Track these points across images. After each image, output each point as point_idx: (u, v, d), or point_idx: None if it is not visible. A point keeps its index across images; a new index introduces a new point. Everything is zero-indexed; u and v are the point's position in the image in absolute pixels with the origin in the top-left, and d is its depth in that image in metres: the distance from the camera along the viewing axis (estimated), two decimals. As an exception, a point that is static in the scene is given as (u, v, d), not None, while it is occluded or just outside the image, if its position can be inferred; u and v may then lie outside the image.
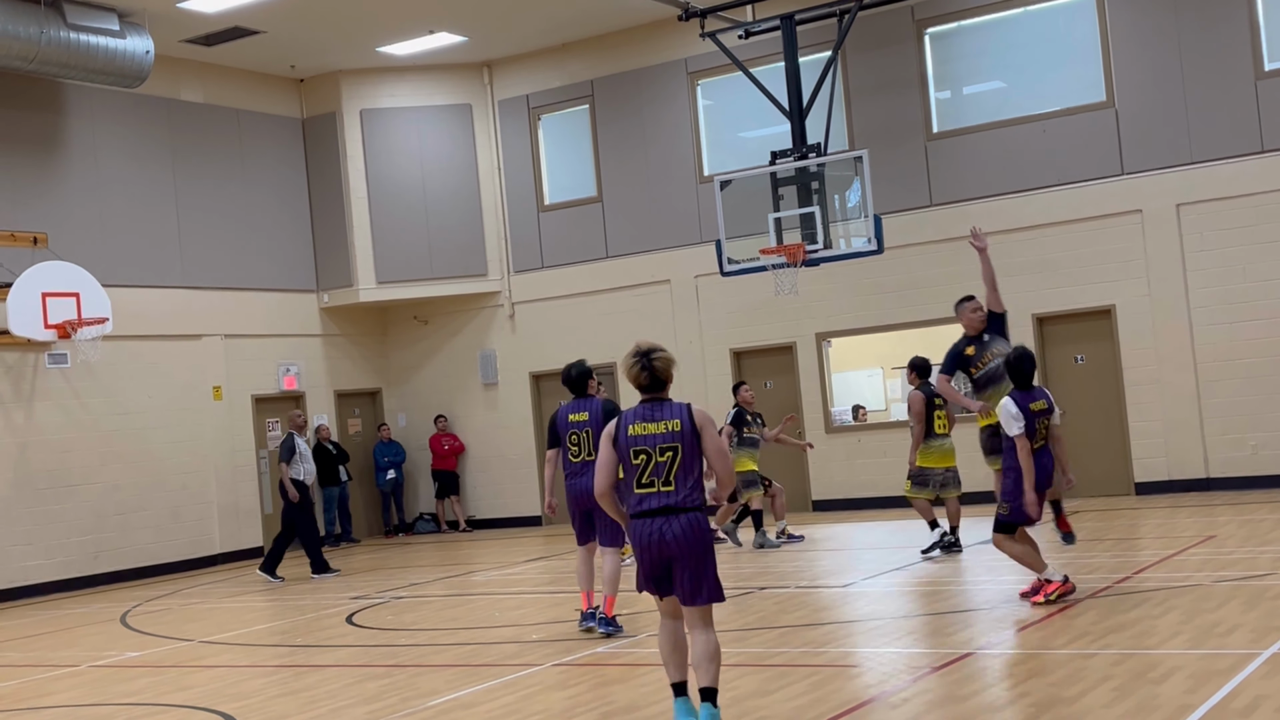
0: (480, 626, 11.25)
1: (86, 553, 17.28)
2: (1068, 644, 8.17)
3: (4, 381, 16.71)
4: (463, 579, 14.97)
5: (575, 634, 10.11)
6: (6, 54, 15.72)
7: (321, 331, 20.93)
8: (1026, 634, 8.68)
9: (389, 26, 18.70)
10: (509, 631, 10.80)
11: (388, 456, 21.26)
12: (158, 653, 11.36)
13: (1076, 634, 8.43)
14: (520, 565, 15.74)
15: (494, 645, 10.17)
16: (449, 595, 13.55)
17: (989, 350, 11.04)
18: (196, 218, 19.18)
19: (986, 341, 11.13)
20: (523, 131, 20.82)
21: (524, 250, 20.85)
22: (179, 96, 19.06)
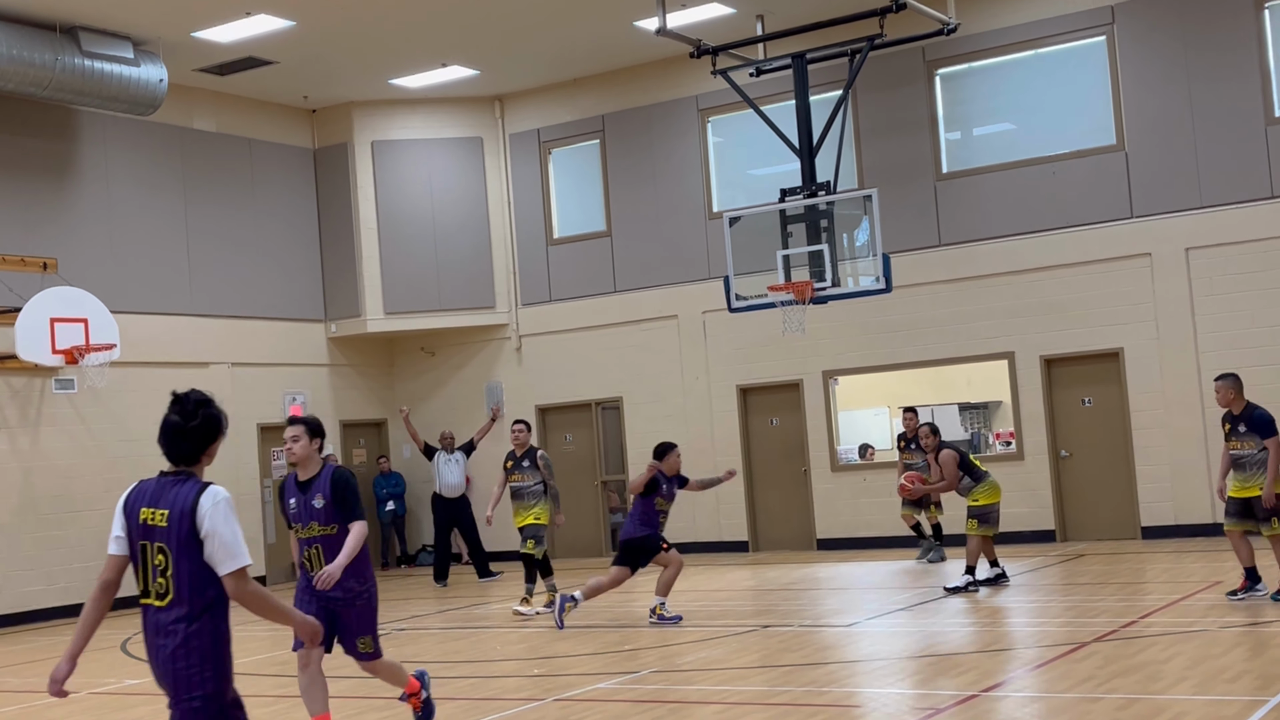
0: (482, 660, 11.19)
1: (89, 579, 17.21)
2: (1073, 687, 8.11)
3: (10, 406, 16.71)
4: (465, 612, 14.91)
5: (577, 669, 10.06)
6: (21, 80, 15.81)
7: (329, 361, 20.94)
8: (1032, 677, 8.62)
9: (401, 59, 18.80)
10: (511, 666, 10.74)
11: (387, 489, 21.21)
12: (157, 681, 11.29)
13: (1082, 677, 8.37)
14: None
15: (495, 679, 10.11)
16: (450, 628, 13.48)
17: None
18: (206, 246, 19.23)
19: None
20: (533, 165, 20.89)
21: (532, 283, 20.87)
22: (192, 125, 19.15)
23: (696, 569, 17.33)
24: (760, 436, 19.15)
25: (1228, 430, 10.86)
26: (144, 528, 5.09)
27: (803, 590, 14.58)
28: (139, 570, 5.09)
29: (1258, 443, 10.61)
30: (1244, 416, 10.74)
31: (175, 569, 4.98)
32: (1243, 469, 10.76)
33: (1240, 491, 10.78)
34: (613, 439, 20.40)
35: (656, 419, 19.65)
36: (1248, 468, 10.71)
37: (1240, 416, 10.76)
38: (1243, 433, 10.70)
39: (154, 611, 5.02)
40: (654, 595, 12.58)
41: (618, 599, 15.09)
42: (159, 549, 5.02)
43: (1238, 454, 10.78)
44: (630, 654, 10.73)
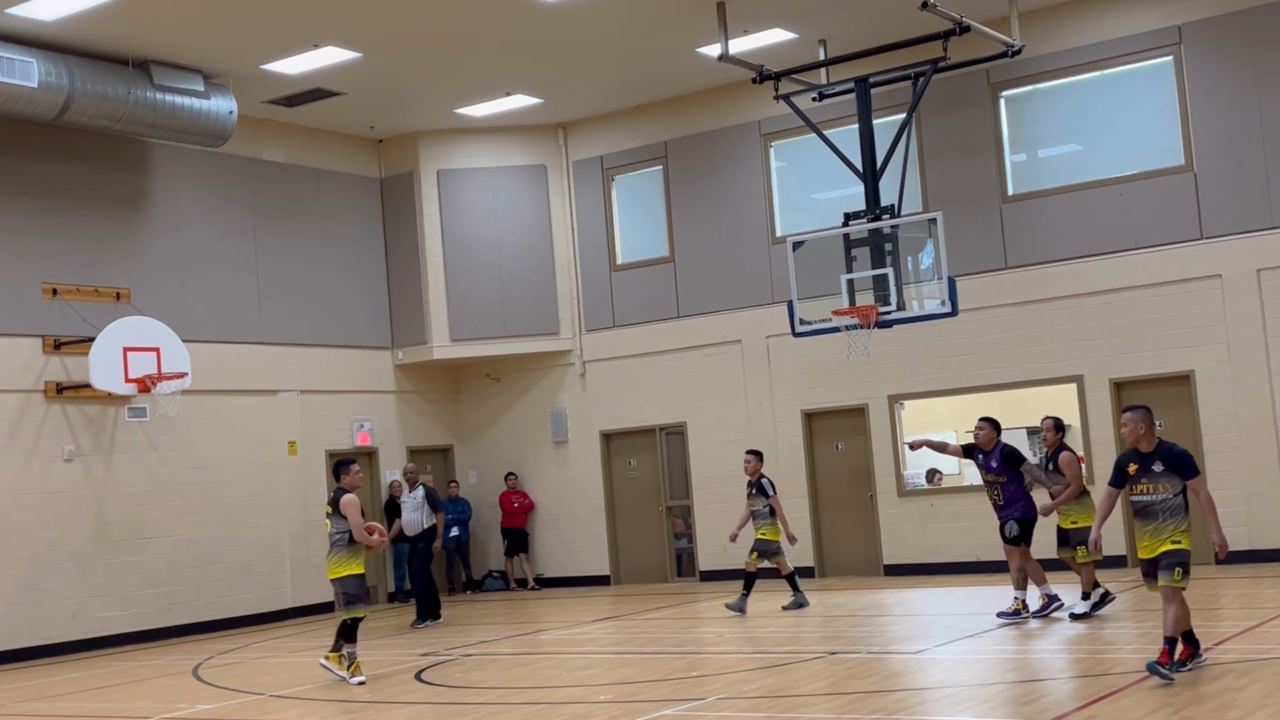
0: (548, 686, 11.20)
1: (161, 605, 17.47)
2: (1147, 715, 7.99)
3: (84, 434, 17.01)
4: (531, 638, 14.94)
5: (643, 696, 10.05)
6: (95, 114, 16.14)
7: (395, 388, 21.12)
8: (1104, 705, 8.49)
9: (466, 89, 18.99)
10: (577, 692, 10.75)
11: (452, 514, 21.30)
12: (229, 706, 11.42)
13: (1156, 705, 8.24)
14: (589, 625, 15.69)
15: (562, 705, 10.12)
16: (517, 654, 13.52)
17: None
18: (275, 275, 19.50)
19: None
20: (596, 192, 20.99)
21: (596, 309, 20.95)
22: (261, 156, 19.44)
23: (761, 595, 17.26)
24: (825, 461, 19.06)
25: (1135, 471, 9.23)
26: None
27: (870, 616, 14.47)
28: None
29: (1176, 485, 9.14)
30: (1159, 454, 9.18)
31: None
32: (1154, 517, 9.23)
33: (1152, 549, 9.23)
34: (677, 464, 20.39)
35: (720, 444, 19.63)
36: (1160, 515, 9.20)
37: (1154, 455, 9.19)
38: (1158, 473, 9.17)
39: None
40: (1017, 590, 12.79)
41: (683, 624, 15.07)
42: None
43: (1145, 500, 9.22)
44: (696, 680, 10.70)
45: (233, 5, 15.14)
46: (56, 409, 16.74)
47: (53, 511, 16.58)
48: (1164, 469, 9.16)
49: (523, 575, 21.28)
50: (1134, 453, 9.24)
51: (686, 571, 20.34)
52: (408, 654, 13.89)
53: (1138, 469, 9.21)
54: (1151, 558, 9.28)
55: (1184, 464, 9.18)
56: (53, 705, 12.21)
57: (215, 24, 15.67)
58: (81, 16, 15.04)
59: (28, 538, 16.32)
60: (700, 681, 10.63)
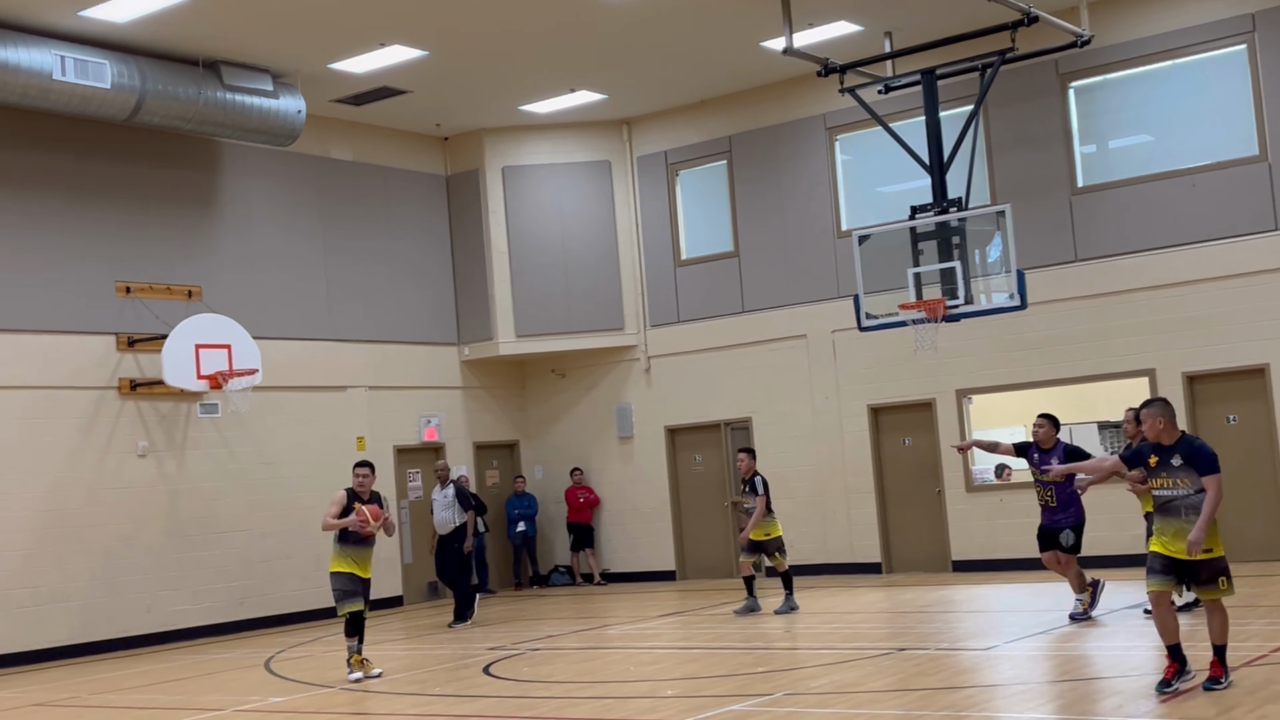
0: (615, 681, 11.23)
1: (233, 598, 17.70)
2: (1220, 715, 7.87)
3: (158, 430, 17.27)
4: (597, 632, 14.98)
5: (710, 691, 10.04)
6: (166, 114, 16.37)
7: (462, 384, 21.25)
8: (1176, 704, 8.38)
9: (531, 86, 19.06)
10: (644, 686, 10.77)
11: (519, 509, 21.42)
12: (300, 698, 11.56)
13: (1229, 705, 8.12)
14: (655, 620, 15.71)
15: (629, 700, 10.14)
16: (584, 648, 13.57)
17: None
18: (343, 272, 19.69)
19: None
20: (660, 187, 21.00)
21: (661, 304, 20.96)
22: (328, 155, 19.63)
23: (828, 590, 17.20)
24: (892, 456, 18.94)
25: (1155, 464, 8.78)
26: None
27: (938, 613, 14.37)
28: None
29: (1196, 480, 8.59)
30: (1179, 448, 8.71)
31: None
32: (1175, 514, 8.64)
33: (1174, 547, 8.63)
34: (743, 459, 20.32)
35: (786, 439, 19.57)
36: (1183, 513, 8.60)
37: (1174, 448, 8.73)
38: (1176, 467, 8.67)
39: None
40: (1078, 593, 12.61)
41: (749, 620, 15.04)
42: None
43: (1166, 495, 8.72)
44: (764, 676, 10.68)
45: (301, 5, 15.30)
46: (130, 406, 17.01)
47: (127, 507, 16.85)
48: (1182, 463, 8.65)
49: (588, 570, 21.35)
50: (1156, 445, 8.83)
51: (752, 567, 20.27)
52: (475, 648, 13.98)
53: (1158, 462, 8.77)
54: (1173, 558, 8.60)
55: (1202, 459, 8.60)
56: (128, 697, 12.43)
57: (283, 24, 15.85)
58: (153, 18, 15.26)
59: (103, 533, 16.60)
60: (767, 677, 10.61)
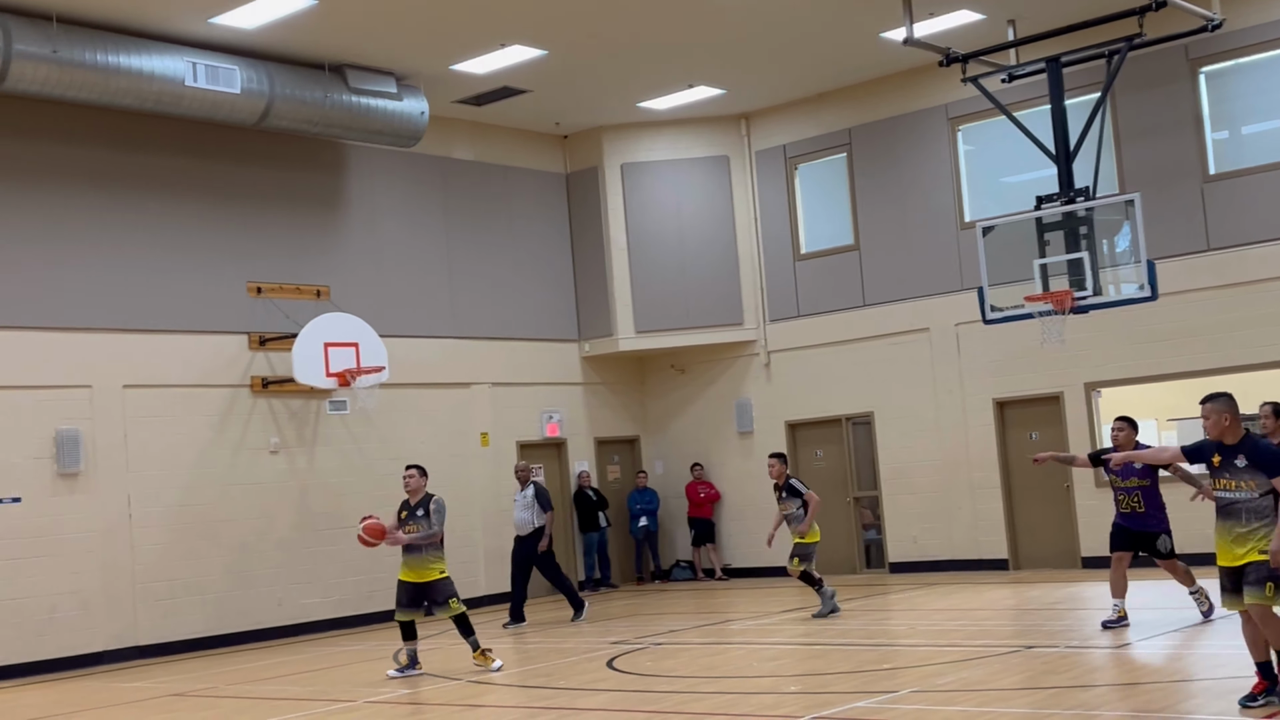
0: (738, 676, 11.23)
1: (361, 592, 18.04)
2: (1369, 717, 7.62)
3: (289, 427, 17.67)
4: (719, 627, 14.99)
5: (834, 688, 9.99)
6: (294, 118, 16.73)
7: (583, 380, 21.40)
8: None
9: (649, 82, 19.11)
10: (767, 682, 10.75)
11: (640, 504, 21.51)
12: (428, 691, 11.75)
13: (1378, 707, 7.85)
14: (776, 615, 15.66)
15: (752, 695, 10.13)
16: (706, 643, 13.58)
17: None
18: (466, 270, 19.95)
19: None
20: (779, 181, 20.91)
21: (780, 299, 20.88)
22: (451, 155, 19.90)
23: (954, 587, 17.00)
24: (1019, 451, 18.62)
25: (1218, 464, 8.24)
26: None
27: (1067, 610, 14.12)
28: None
29: (1263, 483, 8.03)
30: (1243, 448, 8.18)
31: None
32: (1236, 518, 8.11)
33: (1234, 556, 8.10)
34: (864, 455, 20.20)
35: (909, 434, 19.37)
36: (1244, 517, 8.07)
37: (1238, 448, 8.20)
38: (1240, 468, 8.13)
39: None
40: (1190, 589, 12.21)
41: (873, 616, 14.93)
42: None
43: (1227, 497, 8.19)
44: (889, 673, 10.60)
45: (423, 8, 15.53)
46: (262, 403, 17.43)
47: (259, 502, 17.27)
48: (1247, 464, 8.06)
49: (710, 565, 21.36)
50: (1219, 444, 8.26)
51: (875, 563, 20.13)
52: (599, 642, 14.08)
53: (1221, 461, 8.19)
54: (1233, 567, 8.11)
55: (1270, 460, 8.00)
56: (262, 688, 12.73)
57: (406, 27, 16.10)
58: (280, 24, 15.61)
59: (236, 527, 17.03)
60: (892, 674, 10.52)
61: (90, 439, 15.87)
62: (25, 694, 13.82)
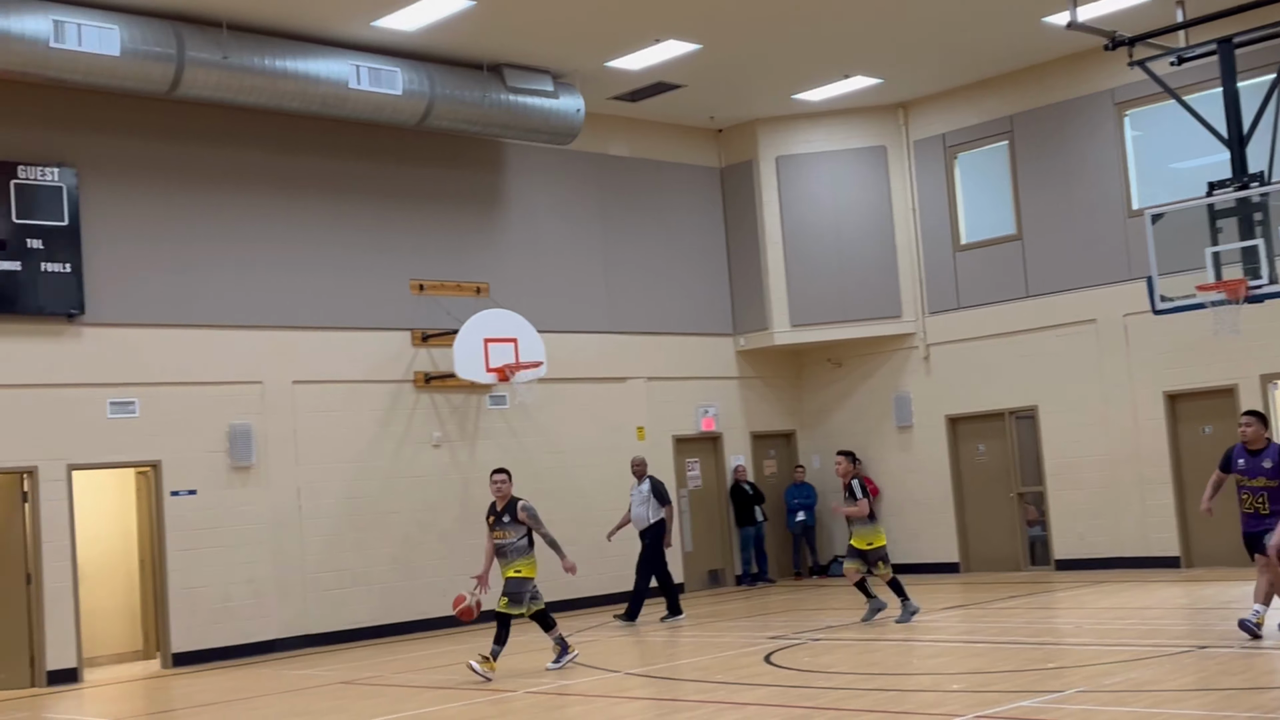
0: (898, 673, 11.09)
1: (521, 583, 18.25)
2: None
3: (450, 421, 18.01)
4: (879, 624, 14.81)
5: (997, 686, 9.80)
6: (454, 118, 17.03)
7: (738, 374, 21.37)
8: None
9: (804, 74, 18.98)
10: (928, 680, 10.59)
11: (798, 499, 21.39)
12: (587, 682, 11.85)
13: None
14: (938, 612, 15.42)
15: (912, 693, 10.00)
16: (865, 639, 13.44)
17: None
18: (622, 266, 20.07)
19: None
20: (938, 171, 20.58)
21: (939, 291, 20.55)
22: (607, 151, 20.04)
23: (1121, 585, 16.55)
24: (1191, 445, 18.02)
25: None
26: None
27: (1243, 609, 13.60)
28: None
29: None
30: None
31: None
32: None
33: None
34: (1028, 449, 19.76)
35: (1075, 428, 18.90)
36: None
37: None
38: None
39: None
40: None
41: (1038, 614, 14.62)
42: None
43: None
44: (1054, 672, 10.36)
45: (579, 6, 15.66)
46: (425, 398, 17.80)
47: (423, 494, 17.63)
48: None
49: (869, 561, 21.12)
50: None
51: (1040, 560, 19.69)
52: (756, 637, 14.04)
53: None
54: None
55: None
56: (427, 676, 13.00)
57: (563, 26, 16.25)
58: (440, 25, 15.89)
59: (401, 519, 17.42)
60: (1058, 673, 10.28)
61: (262, 433, 16.39)
62: (202, 679, 14.35)
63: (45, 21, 13.79)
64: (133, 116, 15.75)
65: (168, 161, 16.04)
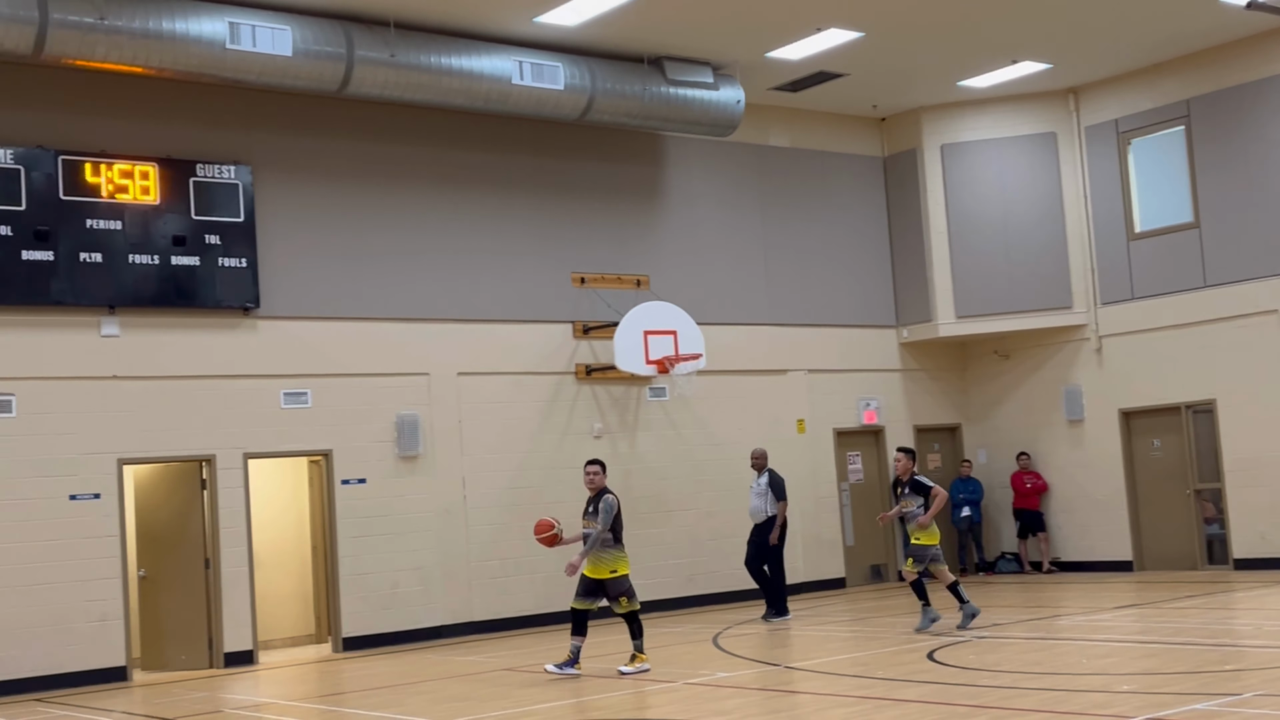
0: (1066, 673, 10.80)
1: (682, 575, 18.33)
2: None
3: (611, 413, 18.13)
4: (1047, 622, 14.47)
5: (1170, 688, 9.48)
6: (615, 111, 17.12)
7: (901, 366, 21.06)
8: None
9: (970, 60, 18.60)
10: (1097, 680, 10.29)
11: (964, 494, 21.00)
12: (746, 675, 11.82)
13: None
14: (1109, 612, 15.00)
15: (1081, 693, 9.73)
16: (1032, 638, 13.13)
17: None
18: (782, 257, 19.95)
19: None
20: (1110, 157, 19.97)
21: (1112, 281, 19.94)
22: (767, 142, 19.93)
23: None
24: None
25: None
26: None
27: None
28: None
29: None
30: None
31: None
32: None
33: None
34: (1206, 445, 19.07)
35: (1256, 423, 18.19)
36: None
37: None
38: None
39: None
40: None
41: (1215, 615, 14.11)
42: None
43: None
44: (1231, 675, 9.97)
45: (738, -4, 15.60)
46: (586, 390, 17.95)
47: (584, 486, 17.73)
48: None
49: (1037, 558, 20.66)
50: None
51: (1219, 559, 19.00)
52: (919, 634, 13.83)
53: None
54: None
55: None
56: (586, 665, 13.09)
57: (723, 17, 16.21)
58: (601, 19, 15.99)
59: (563, 509, 17.49)
60: (1235, 676, 9.89)
61: (428, 424, 16.72)
62: (371, 663, 14.71)
63: (221, 24, 14.26)
64: (304, 115, 16.21)
65: (337, 158, 16.46)
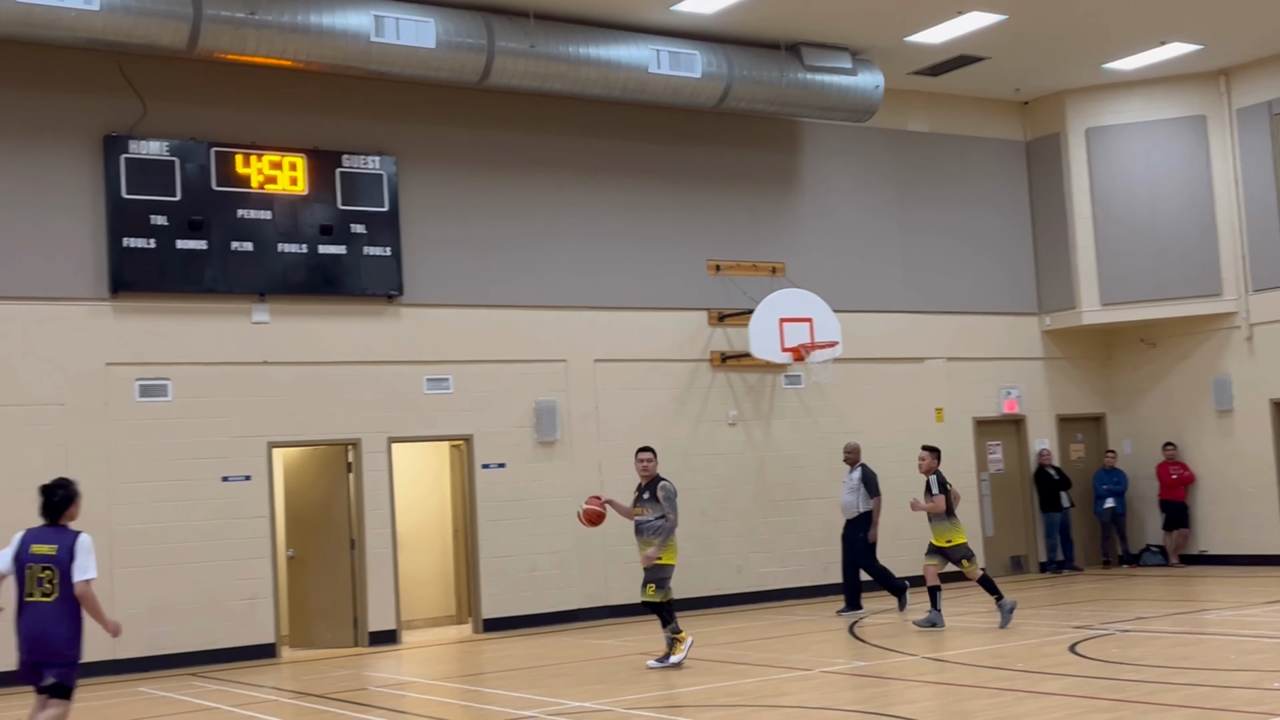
0: (1214, 668, 10.55)
1: (817, 563, 18.28)
2: None
3: (746, 400, 18.14)
4: (1194, 616, 14.14)
5: (1325, 687, 9.20)
6: (751, 99, 17.10)
7: (1043, 355, 20.70)
8: None
9: (1116, 42, 18.17)
10: (1246, 676, 10.04)
11: (1107, 485, 20.57)
12: (883, 664, 11.77)
13: None
14: (1259, 607, 14.59)
15: (1229, 690, 9.50)
16: (1178, 632, 12.85)
17: None
18: (920, 244, 19.73)
19: None
20: (1263, 140, 19.35)
21: (1265, 267, 19.33)
22: (906, 127, 19.72)
23: None
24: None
25: None
26: (31, 555, 8.02)
27: None
28: (22, 580, 8.01)
29: None
30: None
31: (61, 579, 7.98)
32: None
33: None
34: (1364, 436, 18.42)
35: None
36: None
37: None
38: None
39: (36, 605, 7.97)
40: None
41: (1373, 614, 13.63)
42: (44, 568, 8.00)
43: None
44: None
45: (877, -19, 15.45)
46: (721, 377, 17.98)
47: (719, 472, 17.83)
48: None
49: (1183, 550, 20.16)
50: None
51: (1376, 555, 18.35)
52: (1061, 626, 13.62)
53: None
54: None
55: None
56: (723, 651, 13.17)
57: (862, 2, 16.07)
58: (738, 6, 15.97)
59: (697, 495, 17.64)
60: None
61: (566, 410, 16.92)
62: (509, 645, 14.97)
63: (366, 17, 14.58)
64: (446, 106, 16.49)
65: (478, 148, 16.71)
